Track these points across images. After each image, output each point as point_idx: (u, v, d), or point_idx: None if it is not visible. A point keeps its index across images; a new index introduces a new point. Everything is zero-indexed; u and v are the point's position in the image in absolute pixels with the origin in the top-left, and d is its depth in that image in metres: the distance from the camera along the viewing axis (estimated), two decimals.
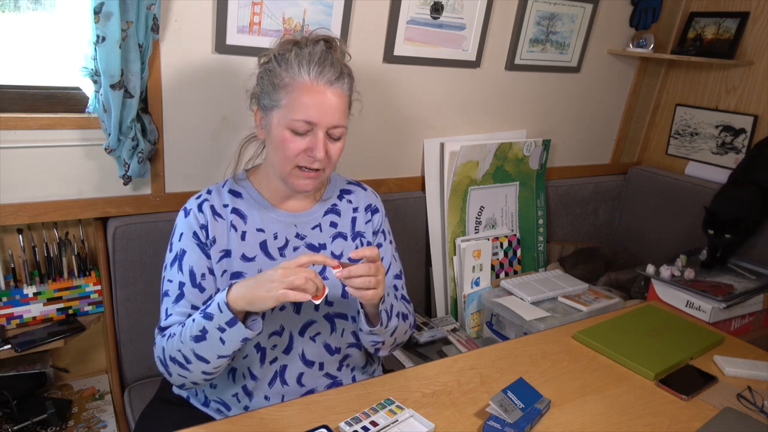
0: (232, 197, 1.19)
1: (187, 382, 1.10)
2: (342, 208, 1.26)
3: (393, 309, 1.16)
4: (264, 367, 1.15)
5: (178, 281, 1.13)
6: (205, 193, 1.19)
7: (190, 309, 1.12)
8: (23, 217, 1.47)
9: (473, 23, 1.93)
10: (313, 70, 1.07)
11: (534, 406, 1.08)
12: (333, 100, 1.08)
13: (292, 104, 1.08)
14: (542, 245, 2.32)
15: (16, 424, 1.42)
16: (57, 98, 1.49)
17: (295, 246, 1.19)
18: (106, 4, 1.27)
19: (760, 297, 1.88)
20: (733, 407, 1.16)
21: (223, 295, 1.01)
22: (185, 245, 1.14)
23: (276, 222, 1.19)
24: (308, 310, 1.17)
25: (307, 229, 1.21)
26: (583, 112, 2.42)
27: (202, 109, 1.61)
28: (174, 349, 1.07)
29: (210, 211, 1.16)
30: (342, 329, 1.20)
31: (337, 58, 1.12)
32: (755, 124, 2.24)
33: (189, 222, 1.15)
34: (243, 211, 1.18)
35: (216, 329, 1.01)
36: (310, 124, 1.08)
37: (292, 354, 1.16)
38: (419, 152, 2.05)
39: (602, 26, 2.27)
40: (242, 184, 1.21)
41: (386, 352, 1.25)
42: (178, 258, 1.14)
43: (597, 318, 1.51)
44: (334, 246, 1.22)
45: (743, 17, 2.23)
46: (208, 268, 1.14)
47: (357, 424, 1.01)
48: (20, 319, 1.51)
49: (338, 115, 1.10)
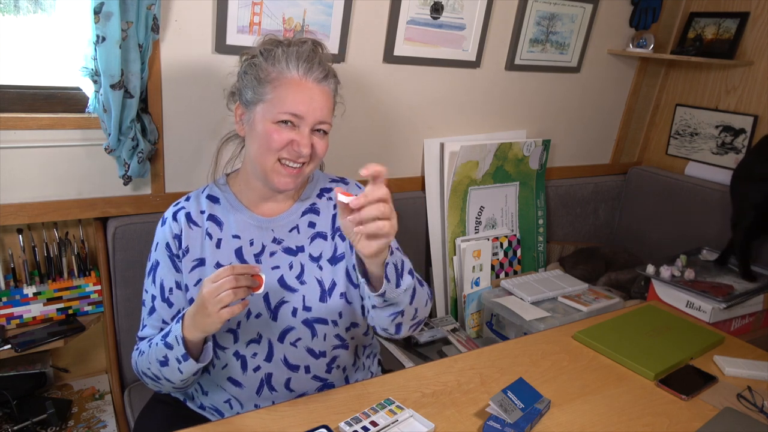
0: (210, 203, 1.18)
1: (164, 390, 1.15)
2: (321, 206, 1.21)
3: (404, 265, 1.03)
4: (247, 375, 1.13)
5: (151, 294, 1.16)
6: (183, 201, 1.18)
7: (161, 323, 1.15)
8: (23, 217, 1.47)
9: (473, 23, 1.93)
10: (302, 67, 1.07)
11: (534, 406, 1.08)
12: (321, 97, 1.08)
13: (279, 98, 1.07)
14: (542, 245, 2.32)
15: (16, 424, 1.42)
16: (57, 98, 1.49)
17: (272, 251, 1.16)
18: (106, 4, 1.27)
19: (761, 297, 1.88)
20: (733, 407, 1.16)
21: (178, 328, 1.02)
22: (159, 257, 1.15)
23: (252, 227, 1.16)
24: (285, 316, 1.13)
25: (284, 233, 1.17)
26: (583, 112, 2.42)
27: (202, 109, 1.61)
28: (144, 366, 1.11)
29: (185, 219, 1.15)
30: (324, 334, 1.16)
31: (324, 58, 1.12)
32: (755, 124, 2.24)
33: (164, 232, 1.15)
34: (219, 217, 1.16)
35: (174, 359, 1.04)
36: (297, 118, 1.07)
37: (275, 360, 1.14)
38: (419, 152, 2.05)
39: (602, 26, 2.27)
40: (222, 189, 1.19)
41: (407, 328, 1.12)
42: (153, 269, 1.16)
43: (597, 318, 1.51)
44: (313, 248, 1.18)
45: (743, 17, 2.23)
46: (176, 282, 1.14)
47: (357, 424, 1.01)
48: (20, 319, 1.51)
49: (325, 111, 1.09)
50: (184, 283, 1.13)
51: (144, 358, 1.11)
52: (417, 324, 1.14)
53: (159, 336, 1.08)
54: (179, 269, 1.14)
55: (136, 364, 1.14)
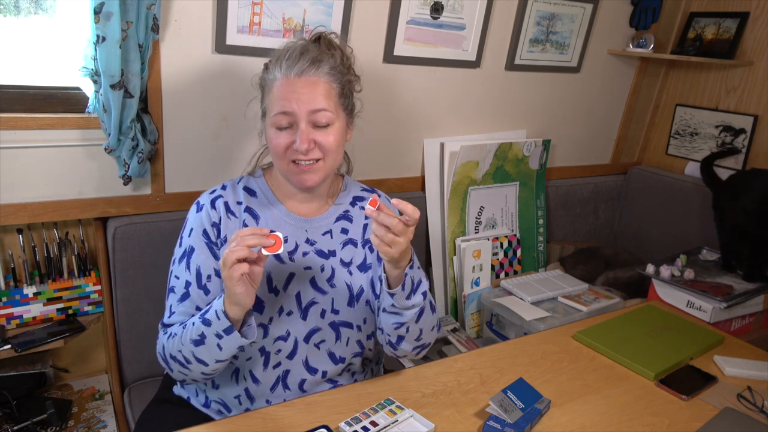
0: (247, 195, 1.18)
1: (188, 379, 1.11)
2: (354, 214, 1.24)
3: (421, 285, 1.10)
4: (267, 371, 1.14)
5: (185, 280, 1.13)
6: (219, 189, 1.18)
7: (194, 310, 1.12)
8: (23, 217, 1.47)
9: (473, 23, 1.93)
10: (284, 65, 1.08)
11: (534, 406, 1.08)
12: (306, 87, 1.07)
13: (270, 103, 1.10)
14: (542, 245, 2.32)
15: (16, 424, 1.42)
16: (57, 98, 1.49)
17: (305, 251, 1.17)
18: (106, 4, 1.27)
19: (761, 297, 1.88)
20: (733, 407, 1.16)
21: (220, 303, 1.01)
22: (194, 242, 1.13)
23: (287, 225, 1.17)
24: (314, 316, 1.15)
25: (317, 235, 1.19)
26: (583, 112, 2.42)
27: (202, 109, 1.61)
28: (174, 349, 1.07)
29: (224, 207, 1.15)
30: (347, 338, 1.18)
31: (318, 48, 1.11)
32: (755, 124, 2.24)
33: (200, 218, 1.14)
34: (256, 210, 1.17)
35: (214, 335, 1.01)
36: (289, 116, 1.07)
37: (296, 360, 1.15)
38: (419, 152, 2.05)
39: (602, 26, 2.27)
40: (258, 182, 1.20)
41: (410, 348, 1.18)
42: (186, 254, 1.14)
43: (597, 318, 1.52)
44: (344, 253, 1.20)
45: (743, 17, 2.23)
46: (215, 270, 1.13)
47: (357, 424, 1.01)
48: (20, 319, 1.51)
49: (314, 100, 1.07)
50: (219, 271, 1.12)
51: (175, 340, 1.07)
52: (421, 348, 1.20)
53: (196, 316, 1.06)
54: (218, 257, 1.13)
55: (164, 348, 1.10)
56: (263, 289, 1.12)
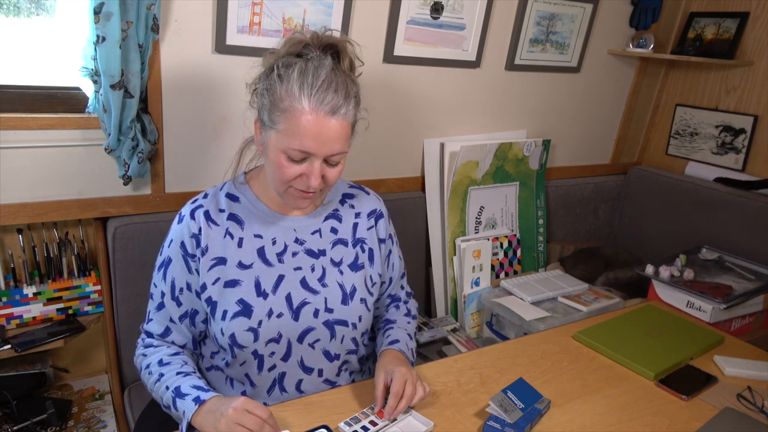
0: (229, 201, 1.16)
1: None
2: (343, 213, 1.23)
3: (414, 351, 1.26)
4: (262, 375, 1.14)
5: (160, 290, 1.15)
6: (201, 198, 1.17)
7: (168, 321, 1.15)
8: (23, 217, 1.47)
9: (473, 23, 1.93)
10: (314, 98, 0.99)
11: (534, 406, 1.08)
12: (333, 130, 1.01)
13: (289, 131, 1.01)
14: (542, 245, 2.32)
15: (16, 424, 1.42)
16: (57, 98, 1.49)
17: (294, 251, 1.16)
18: (106, 4, 1.27)
19: (761, 297, 1.88)
20: (733, 407, 1.16)
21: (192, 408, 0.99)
22: (172, 253, 1.14)
23: (274, 227, 1.16)
24: (307, 316, 1.14)
25: (306, 234, 1.18)
26: (583, 112, 2.42)
27: (202, 109, 1.61)
28: (146, 382, 1.13)
29: (204, 217, 1.13)
30: (342, 336, 1.17)
31: (343, 77, 1.03)
32: (755, 124, 2.24)
33: (180, 230, 1.13)
34: (240, 216, 1.15)
35: (175, 414, 1.05)
36: (306, 153, 1.02)
37: (291, 361, 1.14)
38: (419, 152, 2.05)
39: (602, 26, 2.27)
40: (241, 189, 1.17)
41: None
42: (165, 264, 1.15)
43: (597, 318, 1.52)
44: (334, 252, 1.19)
45: (743, 17, 2.23)
46: (188, 283, 1.13)
47: (357, 424, 1.01)
48: (20, 319, 1.51)
49: (338, 144, 1.03)
50: (201, 282, 1.12)
51: (150, 382, 1.11)
52: None
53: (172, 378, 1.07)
54: (192, 270, 1.12)
55: (140, 368, 1.15)
56: (251, 294, 1.11)
